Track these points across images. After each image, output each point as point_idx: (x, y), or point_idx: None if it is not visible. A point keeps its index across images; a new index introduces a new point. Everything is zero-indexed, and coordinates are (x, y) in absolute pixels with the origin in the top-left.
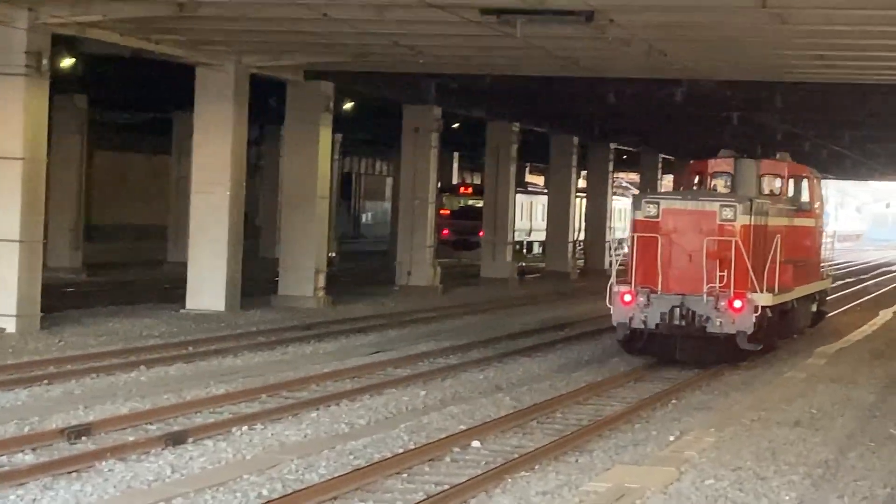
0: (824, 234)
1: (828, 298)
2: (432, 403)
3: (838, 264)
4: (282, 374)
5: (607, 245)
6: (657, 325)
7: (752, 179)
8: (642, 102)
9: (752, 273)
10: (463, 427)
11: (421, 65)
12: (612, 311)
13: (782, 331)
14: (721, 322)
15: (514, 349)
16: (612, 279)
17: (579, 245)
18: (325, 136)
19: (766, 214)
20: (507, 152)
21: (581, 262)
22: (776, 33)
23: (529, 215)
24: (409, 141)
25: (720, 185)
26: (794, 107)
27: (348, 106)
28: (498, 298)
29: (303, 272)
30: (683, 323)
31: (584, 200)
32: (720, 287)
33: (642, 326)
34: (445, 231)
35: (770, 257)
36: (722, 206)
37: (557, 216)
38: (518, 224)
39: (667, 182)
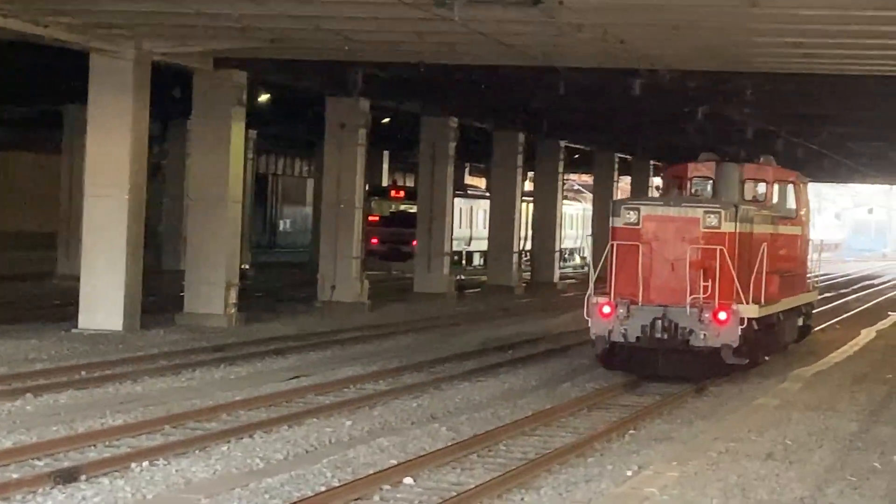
0: (811, 242)
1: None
2: (359, 435)
3: (815, 277)
4: (188, 403)
5: (557, 256)
6: (638, 338)
7: (735, 184)
8: (596, 95)
9: (737, 283)
10: (394, 462)
11: (346, 52)
12: (589, 324)
13: (768, 345)
14: (705, 335)
15: (452, 373)
16: (590, 290)
17: (525, 256)
18: (238, 133)
19: (752, 221)
20: (444, 151)
21: (527, 275)
22: (747, 17)
23: (469, 222)
24: (332, 138)
25: (701, 190)
26: (767, 100)
27: (264, 98)
28: (434, 316)
29: (212, 286)
30: (666, 336)
31: (531, 205)
32: (704, 298)
33: (622, 340)
34: (374, 240)
35: (756, 267)
36: (706, 212)
37: (501, 223)
38: (456, 232)
39: (624, 185)
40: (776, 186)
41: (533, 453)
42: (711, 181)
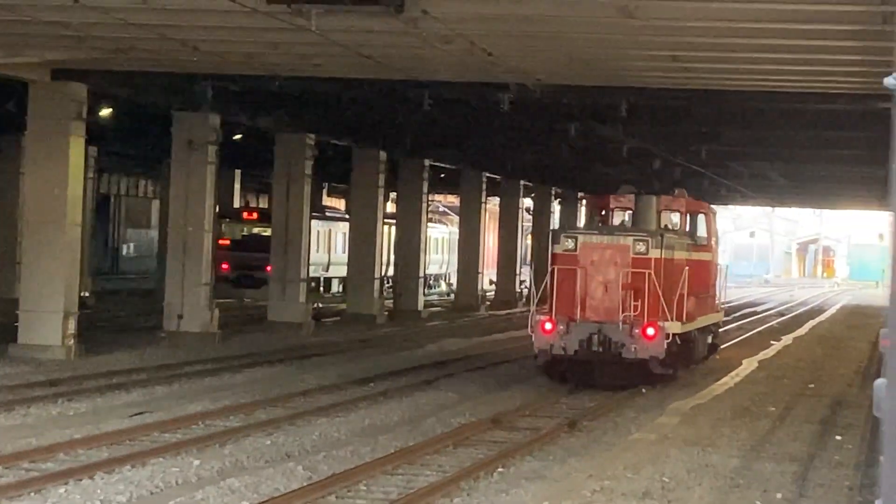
0: (719, 267)
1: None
2: (208, 475)
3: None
4: (22, 441)
5: (422, 282)
6: (576, 351)
7: (652, 215)
8: (463, 111)
9: (663, 303)
10: (246, 503)
11: (195, 63)
12: (533, 339)
13: (687, 358)
14: (635, 348)
15: (309, 408)
16: (533, 308)
17: (388, 282)
18: (77, 150)
19: (673, 248)
20: (301, 170)
21: (390, 303)
22: (622, 29)
23: (327, 246)
24: (180, 156)
25: (621, 219)
26: (643, 117)
27: (106, 113)
28: (289, 347)
29: (48, 316)
30: (601, 349)
31: (394, 228)
32: (634, 315)
33: (562, 353)
34: (225, 265)
35: (678, 289)
36: (635, 240)
37: (361, 247)
38: (314, 257)
39: (492, 206)
40: (689, 216)
41: (395, 493)
42: (630, 211)
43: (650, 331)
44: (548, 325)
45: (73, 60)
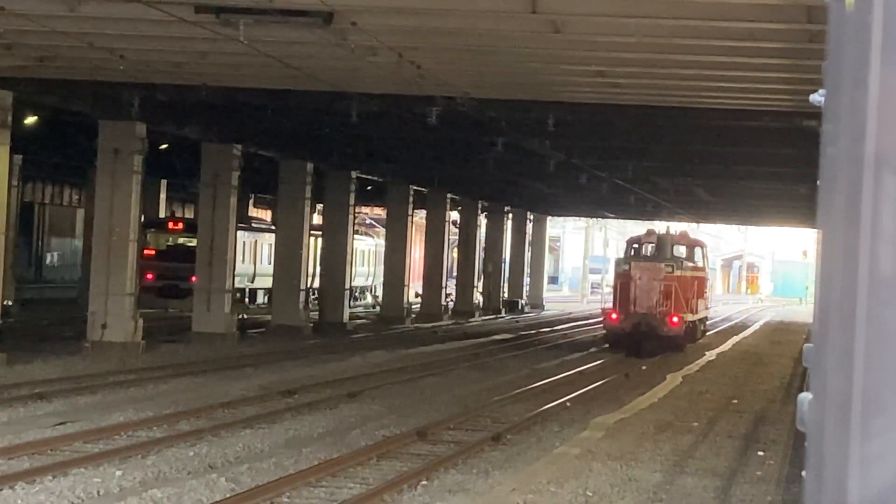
0: (708, 282)
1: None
2: (130, 486)
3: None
4: None
5: (347, 294)
6: (630, 332)
7: (668, 247)
8: (391, 123)
9: (683, 302)
10: None
11: (122, 72)
12: (603, 324)
13: (692, 337)
14: (666, 330)
15: (232, 420)
16: (603, 305)
17: (313, 294)
18: (2, 158)
19: (686, 269)
20: (227, 180)
21: (315, 315)
22: (549, 45)
23: (253, 257)
24: (105, 165)
25: (647, 250)
26: (570, 132)
27: (31, 121)
28: (213, 358)
29: None
30: (646, 330)
31: (320, 240)
32: (665, 310)
33: (622, 332)
34: (150, 275)
35: (690, 295)
36: (665, 264)
37: (287, 259)
38: (239, 268)
39: (419, 219)
40: (691, 249)
41: None
42: (654, 244)
43: (675, 319)
44: (613, 316)
45: None
